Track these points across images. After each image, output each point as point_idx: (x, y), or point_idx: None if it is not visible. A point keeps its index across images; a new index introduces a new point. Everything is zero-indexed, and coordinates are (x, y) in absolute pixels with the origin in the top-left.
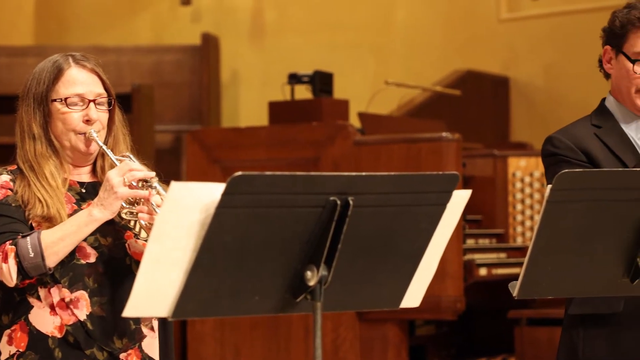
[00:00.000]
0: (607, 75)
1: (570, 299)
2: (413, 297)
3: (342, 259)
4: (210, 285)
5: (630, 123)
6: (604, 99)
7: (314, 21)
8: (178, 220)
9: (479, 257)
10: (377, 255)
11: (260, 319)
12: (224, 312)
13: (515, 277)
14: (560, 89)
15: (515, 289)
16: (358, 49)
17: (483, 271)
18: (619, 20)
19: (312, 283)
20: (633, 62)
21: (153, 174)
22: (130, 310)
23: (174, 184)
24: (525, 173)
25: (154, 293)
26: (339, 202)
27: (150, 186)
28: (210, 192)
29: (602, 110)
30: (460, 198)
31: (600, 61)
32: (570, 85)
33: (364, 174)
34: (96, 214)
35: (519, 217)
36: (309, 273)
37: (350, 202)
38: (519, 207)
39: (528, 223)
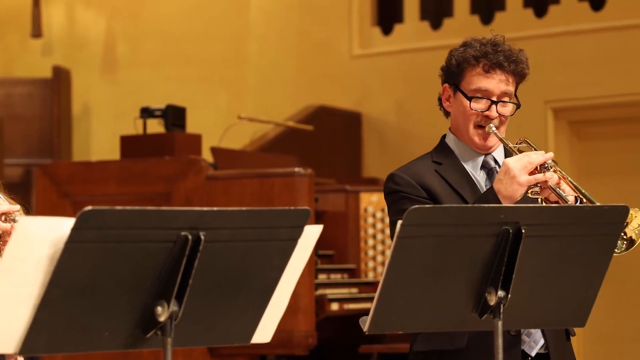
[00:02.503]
0: (447, 114)
1: (415, 336)
2: (264, 332)
3: (193, 294)
4: (59, 320)
5: (470, 160)
6: (444, 136)
7: (167, 55)
8: (26, 254)
9: (330, 292)
10: (228, 291)
11: (110, 355)
12: (74, 347)
13: (366, 312)
14: (412, 124)
15: (365, 324)
16: (211, 83)
17: (335, 306)
18: (455, 58)
19: (162, 319)
20: (470, 99)
21: (17, 207)
22: None
23: (22, 218)
24: (377, 208)
25: (1, 328)
26: (190, 237)
27: (13, 220)
28: (60, 227)
29: (442, 147)
30: (311, 233)
31: (439, 99)
32: (422, 121)
33: (215, 209)
34: None
35: (371, 252)
36: (159, 309)
37: (202, 237)
38: (370, 242)
39: (380, 258)
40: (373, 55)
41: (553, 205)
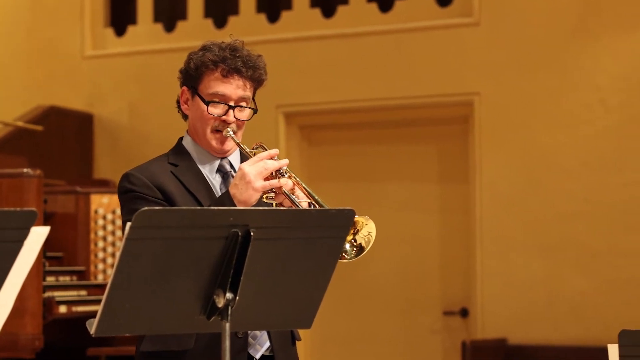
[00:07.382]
0: (185, 116)
1: (142, 336)
2: None
3: None
4: None
5: (206, 163)
6: (181, 138)
7: None
8: None
9: (59, 294)
10: None
11: None
12: None
13: (95, 314)
14: (144, 126)
15: (92, 326)
16: None
17: (63, 308)
18: (194, 62)
19: None
20: (207, 103)
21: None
22: None
23: None
24: (107, 210)
25: None
26: None
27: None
28: None
29: (179, 149)
30: (38, 235)
31: (178, 102)
32: (154, 123)
33: None
34: None
35: (101, 255)
36: None
37: None
38: (100, 244)
39: (110, 260)
40: (105, 56)
41: (282, 208)
